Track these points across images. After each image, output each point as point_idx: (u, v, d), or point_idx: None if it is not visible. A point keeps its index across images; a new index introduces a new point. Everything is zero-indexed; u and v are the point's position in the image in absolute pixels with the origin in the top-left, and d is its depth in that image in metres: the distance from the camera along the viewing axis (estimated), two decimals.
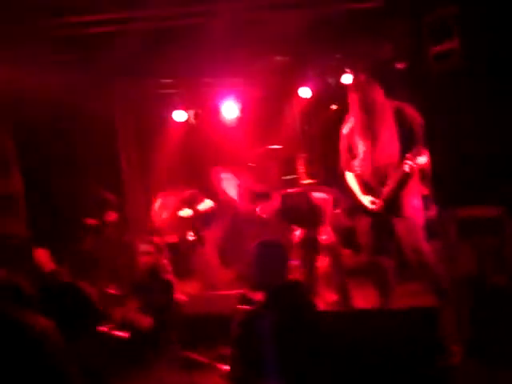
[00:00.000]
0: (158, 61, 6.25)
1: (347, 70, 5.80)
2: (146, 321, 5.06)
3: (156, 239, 4.99)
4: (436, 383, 3.43)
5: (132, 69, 6.43)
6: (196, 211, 6.59)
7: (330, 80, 6.48)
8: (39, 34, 5.20)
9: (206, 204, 6.60)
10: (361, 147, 4.60)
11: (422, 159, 4.35)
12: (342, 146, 4.80)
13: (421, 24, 3.93)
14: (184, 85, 6.84)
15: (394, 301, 4.83)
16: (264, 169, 6.66)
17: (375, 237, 4.74)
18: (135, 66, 6.35)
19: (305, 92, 6.87)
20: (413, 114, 4.52)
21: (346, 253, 6.49)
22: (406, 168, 4.36)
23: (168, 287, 5.28)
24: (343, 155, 4.82)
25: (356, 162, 4.69)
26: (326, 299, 5.47)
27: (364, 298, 5.28)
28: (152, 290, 5.21)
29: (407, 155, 4.33)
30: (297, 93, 6.91)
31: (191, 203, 6.58)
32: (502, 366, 3.42)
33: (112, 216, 7.23)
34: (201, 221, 6.61)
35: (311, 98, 6.97)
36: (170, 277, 5.59)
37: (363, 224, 4.82)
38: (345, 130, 4.78)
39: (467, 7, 3.50)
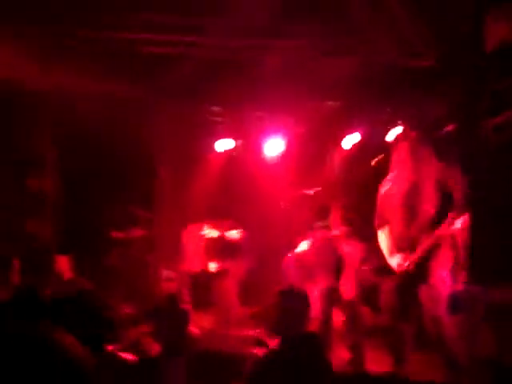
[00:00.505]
0: (210, 87, 6.27)
1: (398, 123, 5.71)
2: (155, 347, 4.98)
3: (180, 266, 4.93)
4: None
5: (184, 91, 6.47)
6: (222, 235, 6.45)
7: (378, 132, 6.40)
8: (97, 47, 5.28)
9: (234, 233, 6.46)
10: (399, 207, 4.52)
11: (457, 226, 4.26)
12: (379, 204, 4.74)
13: (480, 90, 3.83)
14: (232, 115, 6.84)
15: (407, 368, 4.67)
16: (297, 212, 6.55)
17: (398, 300, 4.64)
18: (187, 88, 6.39)
19: (351, 139, 6.80)
20: (457, 178, 4.42)
21: (366, 311, 6.33)
22: (442, 231, 4.28)
23: (184, 318, 5.19)
24: (378, 214, 4.76)
25: (392, 222, 4.61)
26: (338, 355, 5.30)
27: (377, 361, 5.10)
28: (168, 317, 5.12)
29: (443, 222, 4.25)
30: (342, 139, 6.85)
31: (218, 227, 6.47)
32: None
33: (138, 232, 7.20)
34: (226, 250, 6.49)
35: (356, 146, 6.89)
36: (188, 307, 5.50)
37: (388, 285, 4.72)
38: (383, 189, 4.72)
39: None
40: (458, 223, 4.29)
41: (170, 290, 5.15)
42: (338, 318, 5.46)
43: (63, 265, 5.54)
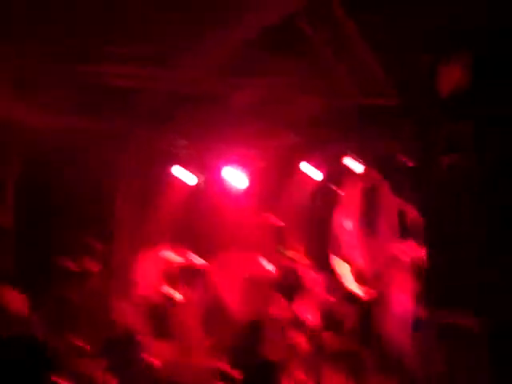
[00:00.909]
0: (173, 120, 6.34)
1: (356, 160, 5.90)
2: (112, 382, 4.89)
3: (136, 297, 4.87)
4: None
5: (147, 124, 6.52)
6: (186, 260, 6.36)
7: (339, 166, 6.58)
8: (63, 79, 5.29)
9: (198, 259, 6.38)
10: (357, 236, 4.66)
11: (413, 252, 4.44)
12: (336, 236, 4.88)
13: (435, 133, 4.06)
14: (195, 147, 6.92)
15: None
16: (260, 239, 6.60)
17: (359, 324, 4.76)
18: (150, 121, 6.44)
19: (311, 174, 6.97)
20: (411, 208, 4.62)
21: (329, 336, 6.41)
22: (402, 261, 4.43)
23: (136, 349, 5.12)
24: (336, 245, 4.89)
25: (351, 250, 4.75)
26: (295, 378, 5.33)
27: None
28: (124, 350, 5.05)
29: (403, 249, 4.40)
30: (305, 173, 7.00)
31: (180, 253, 6.38)
32: None
33: (95, 265, 7.09)
34: (188, 276, 6.40)
35: (317, 180, 7.05)
36: (143, 338, 5.41)
37: (350, 311, 4.84)
38: (338, 222, 4.87)
39: (482, 125, 3.63)
40: (414, 250, 4.46)
41: (124, 321, 5.00)
42: (302, 343, 5.49)
43: (16, 300, 5.40)
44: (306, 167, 6.83)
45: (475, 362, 3.88)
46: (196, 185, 7.46)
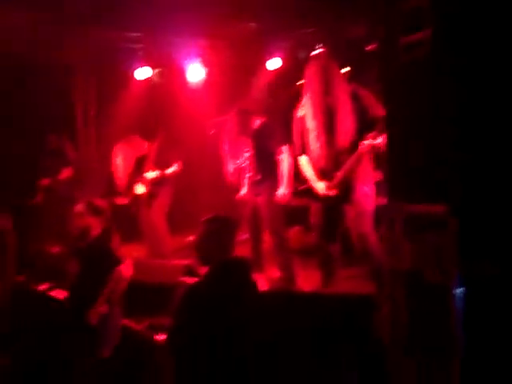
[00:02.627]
0: (123, 12, 5.95)
1: (318, 46, 5.66)
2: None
3: (99, 200, 4.75)
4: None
5: (95, 19, 6.12)
6: (163, 174, 6.27)
7: (300, 54, 6.35)
8: None
9: (174, 168, 6.26)
10: (316, 130, 4.53)
11: (378, 142, 4.35)
12: (296, 129, 4.74)
13: (394, 11, 3.83)
14: (149, 41, 6.57)
15: (336, 283, 4.90)
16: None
17: (325, 220, 4.76)
18: (98, 16, 6.04)
19: (273, 64, 6.72)
20: (372, 98, 4.48)
21: (297, 231, 6.52)
22: (362, 149, 4.36)
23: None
24: (297, 139, 4.77)
25: (311, 146, 4.63)
26: (270, 275, 5.45)
27: (308, 278, 5.29)
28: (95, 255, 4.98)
29: (364, 137, 4.32)
30: (265, 64, 6.76)
31: (161, 165, 6.27)
32: (436, 365, 3.45)
33: (66, 173, 7.00)
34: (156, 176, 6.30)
35: (280, 70, 6.83)
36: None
37: (315, 206, 4.82)
38: (299, 112, 4.71)
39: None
40: (377, 140, 4.37)
41: (80, 225, 4.84)
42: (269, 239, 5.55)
43: None
44: (265, 56, 6.58)
45: (443, 246, 3.95)
46: (155, 79, 7.22)
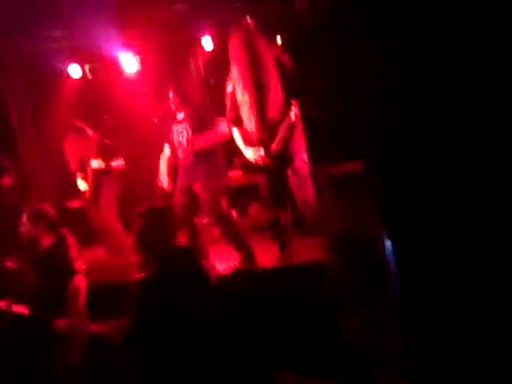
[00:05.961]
0: (44, 11, 5.73)
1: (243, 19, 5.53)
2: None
3: (42, 205, 4.58)
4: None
5: (17, 21, 5.88)
6: (108, 166, 6.00)
7: (230, 29, 6.19)
8: None
9: (120, 162, 6.02)
10: (247, 104, 4.45)
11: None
12: (228, 103, 4.67)
13: None
14: (76, 37, 6.35)
15: (292, 253, 4.81)
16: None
17: (271, 191, 4.72)
18: (20, 18, 5.80)
19: (207, 43, 6.57)
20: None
21: (255, 208, 6.45)
22: (293, 116, 4.32)
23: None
24: (229, 112, 4.70)
25: (243, 117, 4.56)
26: (228, 258, 5.34)
27: (265, 252, 5.11)
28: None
29: (292, 103, 4.28)
30: (199, 44, 6.61)
31: (105, 156, 6.03)
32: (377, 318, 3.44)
33: (5, 182, 6.75)
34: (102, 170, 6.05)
35: (215, 49, 6.68)
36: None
37: (261, 179, 4.78)
38: (228, 88, 4.63)
39: None
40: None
41: (25, 234, 4.66)
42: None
43: None
44: (197, 36, 6.43)
45: (363, 204, 3.97)
46: (87, 74, 7.02)
